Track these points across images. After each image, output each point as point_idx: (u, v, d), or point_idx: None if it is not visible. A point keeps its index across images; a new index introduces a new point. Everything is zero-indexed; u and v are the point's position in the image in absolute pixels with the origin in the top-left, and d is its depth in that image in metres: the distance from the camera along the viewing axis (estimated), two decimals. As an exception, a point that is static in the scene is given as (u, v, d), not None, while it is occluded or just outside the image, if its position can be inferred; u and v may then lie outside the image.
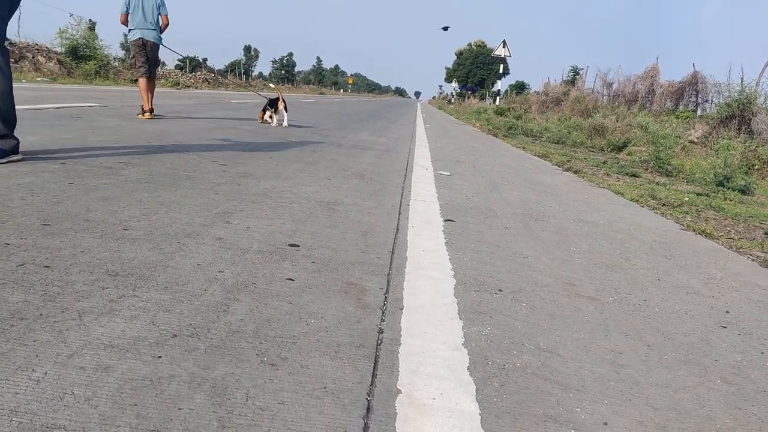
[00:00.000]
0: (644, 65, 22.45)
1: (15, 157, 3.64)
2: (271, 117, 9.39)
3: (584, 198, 4.92)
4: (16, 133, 3.70)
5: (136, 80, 8.61)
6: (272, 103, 9.40)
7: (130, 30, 8.23)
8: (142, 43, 8.19)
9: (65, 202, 2.76)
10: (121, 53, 37.05)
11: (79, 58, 24.08)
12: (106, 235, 2.32)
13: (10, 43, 23.13)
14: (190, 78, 34.14)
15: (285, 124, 9.28)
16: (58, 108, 7.71)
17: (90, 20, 27.41)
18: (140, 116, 8.06)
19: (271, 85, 14.87)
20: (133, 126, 6.53)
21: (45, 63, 22.80)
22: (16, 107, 3.77)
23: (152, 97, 8.31)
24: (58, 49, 24.18)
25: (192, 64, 40.69)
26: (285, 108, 9.37)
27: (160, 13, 8.21)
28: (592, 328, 1.96)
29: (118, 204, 2.84)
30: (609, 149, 11.31)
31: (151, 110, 8.21)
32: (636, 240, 3.47)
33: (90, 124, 6.25)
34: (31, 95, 10.15)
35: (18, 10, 3.78)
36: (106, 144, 4.83)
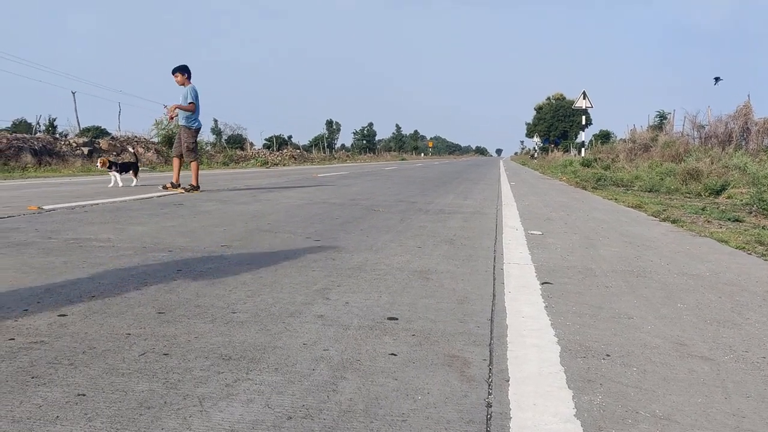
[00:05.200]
0: (734, 104, 21.57)
1: None
2: (131, 177, 10.77)
3: (686, 249, 4.73)
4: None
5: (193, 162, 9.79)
6: (124, 167, 10.71)
7: (197, 119, 9.61)
8: None
9: (176, 289, 2.93)
10: (212, 138, 39.33)
11: (174, 146, 25.64)
12: (216, 319, 2.44)
13: (112, 138, 25.05)
14: (277, 156, 35.69)
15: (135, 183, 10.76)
16: (160, 197, 8.22)
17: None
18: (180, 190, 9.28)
19: (131, 149, 16.58)
20: (230, 209, 6.87)
21: (144, 153, 24.41)
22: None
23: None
24: (155, 140, 25.85)
25: (278, 142, 42.53)
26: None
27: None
28: (709, 390, 1.87)
29: (223, 287, 2.98)
30: (706, 194, 10.84)
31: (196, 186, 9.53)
32: (747, 291, 3.30)
33: (191, 210, 6.62)
34: (135, 187, 10.87)
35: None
36: (207, 228, 5.10)
